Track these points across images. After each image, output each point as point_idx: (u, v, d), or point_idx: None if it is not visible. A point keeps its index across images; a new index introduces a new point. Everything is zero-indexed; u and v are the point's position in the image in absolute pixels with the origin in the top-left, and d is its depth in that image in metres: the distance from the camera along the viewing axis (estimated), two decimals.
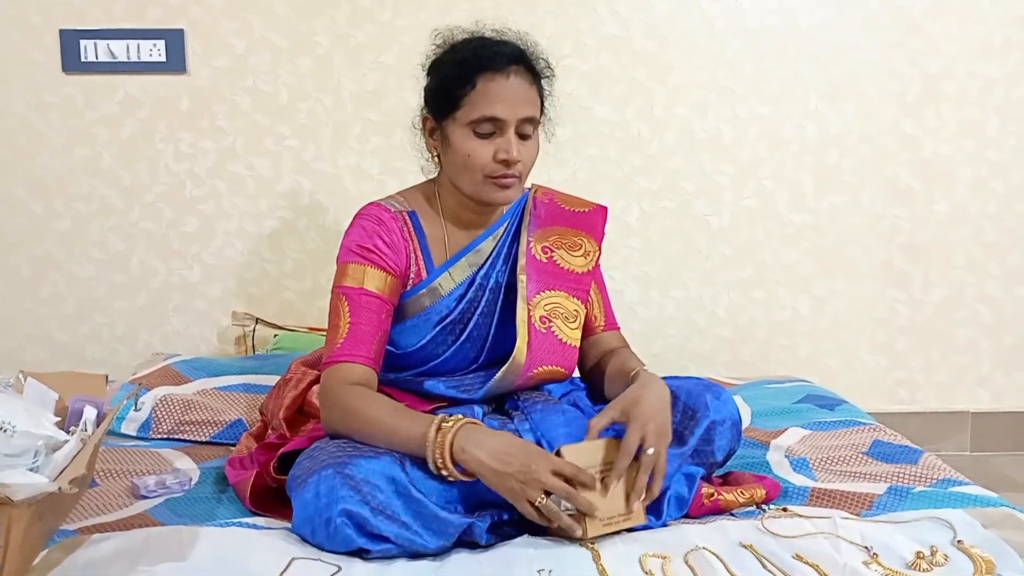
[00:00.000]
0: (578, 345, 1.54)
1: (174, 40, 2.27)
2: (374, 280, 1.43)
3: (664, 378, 1.54)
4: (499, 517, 1.29)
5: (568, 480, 1.22)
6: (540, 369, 1.47)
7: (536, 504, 1.22)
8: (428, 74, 1.51)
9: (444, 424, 1.27)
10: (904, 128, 2.42)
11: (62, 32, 2.26)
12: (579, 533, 1.23)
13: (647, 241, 2.42)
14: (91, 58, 2.26)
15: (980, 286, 2.50)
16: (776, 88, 2.39)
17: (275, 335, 2.27)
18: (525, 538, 1.28)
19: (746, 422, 1.79)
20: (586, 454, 1.26)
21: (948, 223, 2.47)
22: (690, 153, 2.40)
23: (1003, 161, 2.45)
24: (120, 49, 2.26)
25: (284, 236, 2.38)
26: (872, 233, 2.46)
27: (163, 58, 2.27)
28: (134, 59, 2.27)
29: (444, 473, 1.26)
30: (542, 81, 1.48)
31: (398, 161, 2.34)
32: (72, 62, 2.27)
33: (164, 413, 1.77)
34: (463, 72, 1.42)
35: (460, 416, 1.30)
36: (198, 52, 2.29)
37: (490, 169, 1.42)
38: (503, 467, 1.22)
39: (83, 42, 2.26)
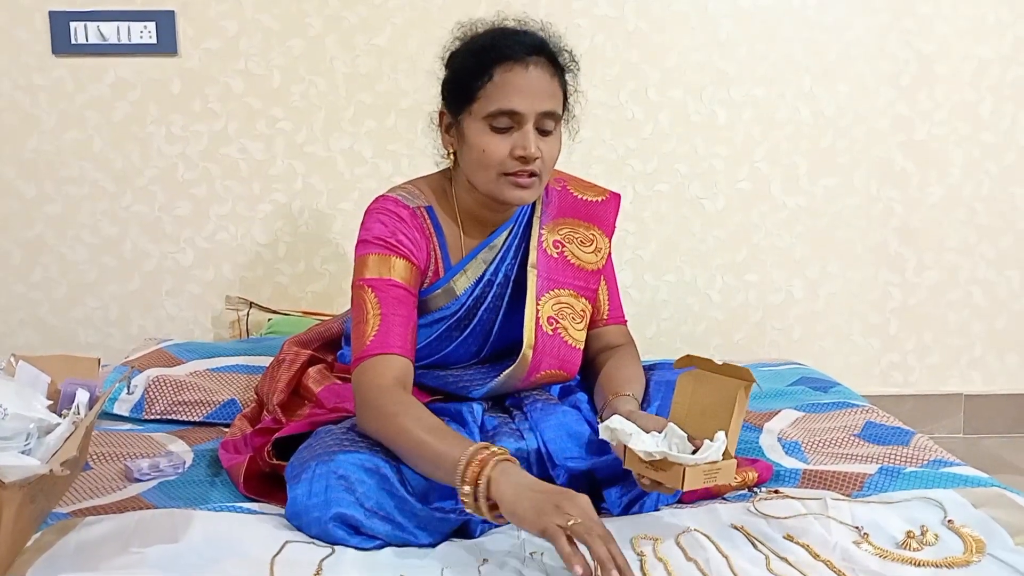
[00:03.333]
0: (582, 346, 1.49)
1: (165, 22, 2.25)
2: (400, 271, 1.37)
3: (661, 367, 1.54)
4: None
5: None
6: (544, 373, 1.45)
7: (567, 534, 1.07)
8: (446, 67, 1.43)
9: (481, 454, 1.15)
10: (898, 110, 2.42)
11: (51, 14, 2.24)
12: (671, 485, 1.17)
13: (641, 224, 2.42)
14: (81, 40, 2.24)
15: (973, 269, 2.50)
16: (770, 69, 2.38)
17: (269, 319, 2.26)
18: None
19: None
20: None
21: (942, 205, 2.47)
22: (684, 136, 2.39)
23: (997, 143, 2.45)
24: (110, 31, 2.24)
25: (277, 220, 2.37)
26: (866, 216, 2.46)
27: (154, 40, 2.26)
28: (124, 41, 2.25)
29: (468, 508, 1.16)
30: (566, 76, 1.41)
31: (391, 144, 2.34)
32: (62, 44, 2.25)
33: (157, 394, 1.76)
34: (479, 62, 1.35)
35: (499, 449, 1.18)
36: (189, 34, 2.28)
37: (506, 166, 1.34)
38: (523, 514, 1.10)
39: (73, 24, 2.24)
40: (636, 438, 1.19)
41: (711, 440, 1.17)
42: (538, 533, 1.08)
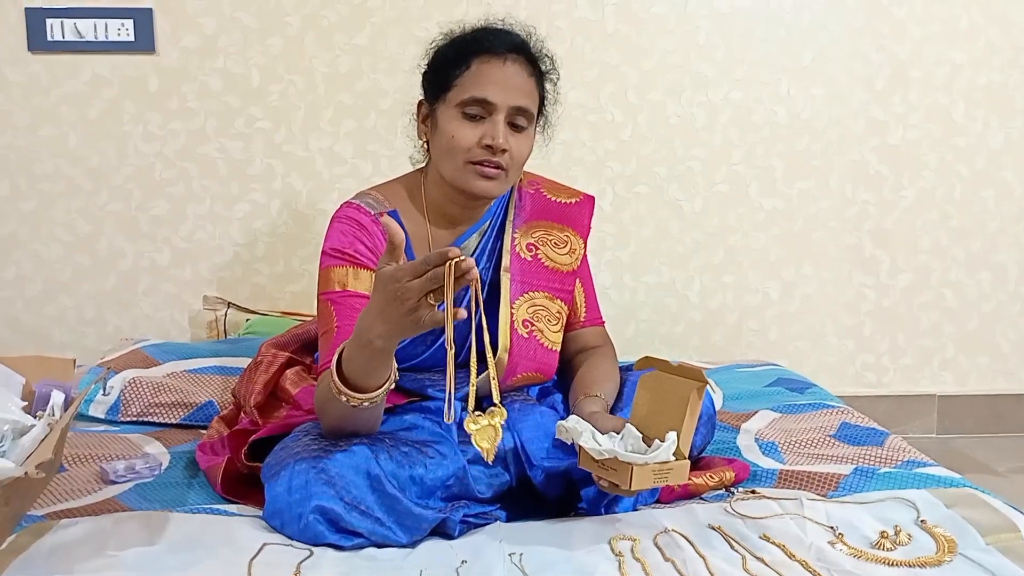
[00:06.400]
0: (559, 348, 1.50)
1: (142, 19, 2.23)
2: (359, 281, 1.38)
3: (638, 368, 1.54)
4: (473, 511, 1.29)
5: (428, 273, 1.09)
6: (521, 375, 1.45)
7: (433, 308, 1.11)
8: (428, 60, 1.47)
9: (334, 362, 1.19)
10: (872, 113, 2.45)
11: (27, 10, 2.21)
12: (625, 485, 1.18)
13: (620, 226, 2.43)
14: (57, 37, 2.22)
15: (945, 271, 2.53)
16: (748, 71, 2.40)
17: (247, 319, 2.25)
18: (496, 525, 1.29)
19: (718, 405, 1.80)
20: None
21: (915, 208, 2.50)
22: (663, 138, 2.41)
23: (969, 146, 2.48)
24: (87, 28, 2.22)
25: (256, 219, 2.36)
26: (840, 218, 2.49)
27: (131, 37, 2.24)
28: (101, 38, 2.23)
29: (345, 400, 1.19)
30: (545, 82, 1.45)
31: (371, 144, 2.33)
32: (38, 41, 2.22)
33: (133, 396, 1.75)
34: (459, 53, 1.40)
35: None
36: (167, 32, 2.26)
37: (473, 154, 1.36)
38: (383, 318, 1.12)
39: (49, 20, 2.21)
40: (587, 437, 1.20)
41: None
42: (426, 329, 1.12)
